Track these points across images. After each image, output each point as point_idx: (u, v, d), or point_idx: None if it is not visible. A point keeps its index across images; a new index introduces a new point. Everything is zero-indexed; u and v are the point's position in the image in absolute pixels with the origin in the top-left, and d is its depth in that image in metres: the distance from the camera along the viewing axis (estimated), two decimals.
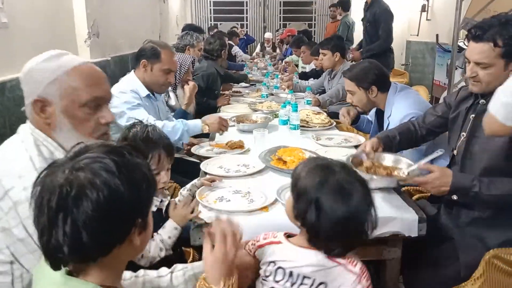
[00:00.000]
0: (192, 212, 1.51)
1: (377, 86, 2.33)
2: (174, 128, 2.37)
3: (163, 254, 1.44)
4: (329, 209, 1.04)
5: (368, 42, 4.84)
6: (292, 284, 1.11)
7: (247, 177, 1.90)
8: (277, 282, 1.13)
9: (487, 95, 1.60)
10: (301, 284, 1.10)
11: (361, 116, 2.62)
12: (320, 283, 1.09)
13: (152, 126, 1.56)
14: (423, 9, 6.64)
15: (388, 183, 1.61)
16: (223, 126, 2.46)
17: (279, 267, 1.13)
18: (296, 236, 1.17)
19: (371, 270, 1.59)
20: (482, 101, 1.64)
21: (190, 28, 4.61)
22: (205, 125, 2.43)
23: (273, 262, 1.15)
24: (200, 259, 1.71)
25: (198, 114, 3.30)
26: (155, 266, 1.38)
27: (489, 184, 1.50)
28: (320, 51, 4.01)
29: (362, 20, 5.09)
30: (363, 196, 1.06)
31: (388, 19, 4.68)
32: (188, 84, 2.95)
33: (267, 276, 1.15)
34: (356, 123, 2.63)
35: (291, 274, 1.11)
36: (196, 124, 2.46)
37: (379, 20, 4.66)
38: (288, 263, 1.13)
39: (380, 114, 2.47)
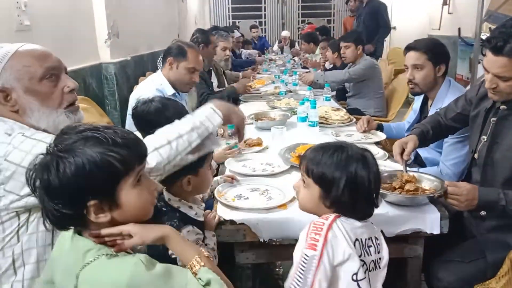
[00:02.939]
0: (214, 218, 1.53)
1: (446, 66, 2.19)
2: None
3: (216, 261, 1.43)
4: (361, 180, 1.14)
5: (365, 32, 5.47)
6: (367, 252, 1.16)
7: (268, 175, 1.88)
8: (359, 257, 1.13)
9: (508, 101, 1.55)
10: (369, 247, 1.17)
11: (384, 126, 2.55)
12: (375, 237, 1.20)
13: None
14: (445, 2, 6.49)
15: (421, 201, 1.56)
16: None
17: (356, 240, 1.15)
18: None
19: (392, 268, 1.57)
20: (503, 106, 1.59)
21: (216, 29, 4.62)
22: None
23: (350, 237, 1.13)
24: (220, 255, 1.73)
25: None
26: None
27: None
28: (343, 44, 3.98)
29: (358, 17, 6.07)
30: (373, 158, 1.19)
31: (385, 10, 5.93)
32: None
33: (360, 257, 1.13)
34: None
35: (361, 241, 1.16)
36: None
37: (378, 12, 5.79)
38: (358, 233, 1.16)
39: (423, 108, 2.37)
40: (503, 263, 1.42)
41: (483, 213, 1.55)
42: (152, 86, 2.47)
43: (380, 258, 1.20)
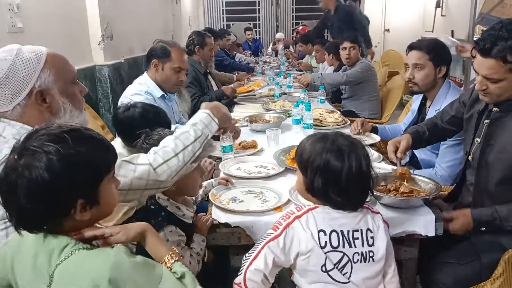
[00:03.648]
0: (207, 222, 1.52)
1: (447, 68, 2.17)
2: None
3: (200, 266, 1.45)
4: (333, 169, 1.18)
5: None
6: (349, 244, 1.18)
7: (263, 178, 1.87)
8: (334, 249, 1.17)
9: (500, 102, 1.56)
10: (354, 239, 1.19)
11: (379, 128, 2.56)
12: (367, 230, 1.21)
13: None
14: (438, 4, 6.53)
15: (415, 203, 1.57)
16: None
17: (331, 232, 1.18)
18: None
19: None
20: (495, 109, 1.59)
21: (210, 31, 4.61)
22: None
23: (323, 230, 1.18)
24: (215, 259, 1.71)
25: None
26: None
27: (509, 214, 1.48)
28: (349, 44, 3.89)
29: (331, 25, 5.71)
30: (359, 153, 1.21)
31: (355, 11, 5.63)
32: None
33: (323, 248, 1.17)
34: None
35: (342, 233, 1.18)
36: None
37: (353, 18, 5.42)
38: (336, 224, 1.19)
39: (421, 108, 2.36)
40: (498, 264, 1.43)
41: (483, 229, 1.56)
42: (140, 90, 2.44)
43: (371, 251, 1.21)
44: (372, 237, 1.21)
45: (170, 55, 2.48)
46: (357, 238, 1.20)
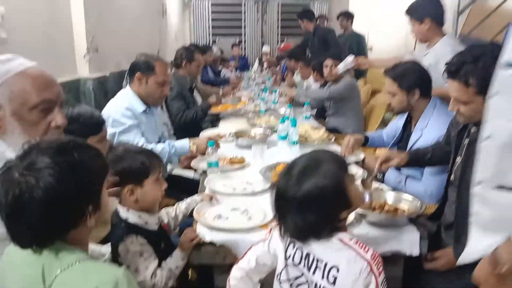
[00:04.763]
0: (193, 240, 1.49)
1: (420, 89, 2.17)
2: (162, 152, 2.35)
3: (171, 283, 1.42)
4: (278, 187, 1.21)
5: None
6: (309, 268, 1.16)
7: (248, 195, 1.87)
8: (296, 266, 1.18)
9: (479, 122, 1.58)
10: (316, 268, 1.15)
11: (369, 138, 2.58)
12: (332, 267, 1.13)
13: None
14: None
15: (401, 221, 1.56)
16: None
17: (297, 248, 1.19)
18: None
19: None
20: (474, 128, 1.61)
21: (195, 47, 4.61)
22: (193, 145, 2.41)
23: (293, 242, 1.20)
24: (199, 278, 1.68)
25: (182, 132, 3.23)
26: None
27: None
28: (331, 62, 3.90)
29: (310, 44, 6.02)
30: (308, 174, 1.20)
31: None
32: None
33: (286, 259, 1.20)
34: (364, 145, 2.57)
35: (307, 256, 1.17)
36: (183, 145, 2.45)
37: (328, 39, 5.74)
38: (305, 244, 1.17)
39: (406, 126, 2.37)
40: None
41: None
42: (121, 105, 2.41)
43: None
44: (335, 277, 1.12)
45: (154, 69, 2.47)
46: (319, 268, 1.14)
